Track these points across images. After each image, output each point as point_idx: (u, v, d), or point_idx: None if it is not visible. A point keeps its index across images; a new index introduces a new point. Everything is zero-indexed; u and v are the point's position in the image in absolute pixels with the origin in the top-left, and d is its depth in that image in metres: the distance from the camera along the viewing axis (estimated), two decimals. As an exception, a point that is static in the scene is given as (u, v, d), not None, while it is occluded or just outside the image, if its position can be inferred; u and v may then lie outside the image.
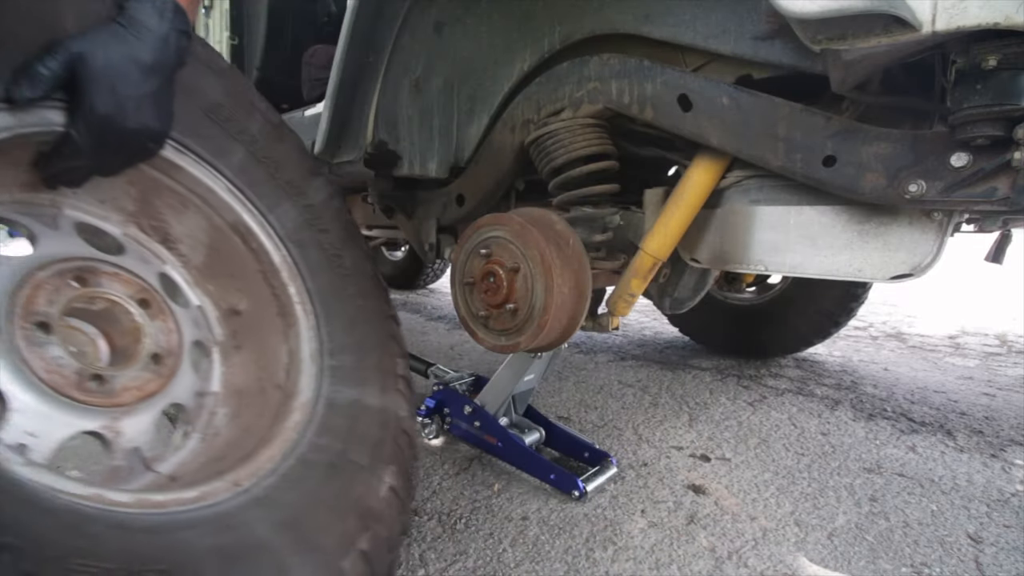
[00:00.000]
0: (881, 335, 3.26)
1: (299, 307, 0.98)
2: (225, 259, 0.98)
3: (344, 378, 0.96)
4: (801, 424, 1.88)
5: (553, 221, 1.20)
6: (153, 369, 0.85)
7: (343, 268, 1.07)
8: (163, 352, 0.87)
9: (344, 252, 1.09)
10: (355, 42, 1.26)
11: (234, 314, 1.00)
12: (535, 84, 1.30)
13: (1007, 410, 2.03)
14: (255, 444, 0.85)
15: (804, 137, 0.95)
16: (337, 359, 0.97)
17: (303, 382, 0.92)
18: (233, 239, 0.97)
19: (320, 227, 1.06)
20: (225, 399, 0.94)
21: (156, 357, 0.85)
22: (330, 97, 1.30)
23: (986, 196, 0.80)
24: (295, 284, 0.99)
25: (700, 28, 1.05)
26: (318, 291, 1.01)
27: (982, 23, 0.64)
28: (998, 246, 1.68)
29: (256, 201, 0.97)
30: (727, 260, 1.15)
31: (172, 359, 0.88)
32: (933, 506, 1.38)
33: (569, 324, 1.18)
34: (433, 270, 4.84)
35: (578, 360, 2.67)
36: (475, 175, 1.48)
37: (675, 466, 1.58)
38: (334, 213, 1.11)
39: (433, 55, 1.36)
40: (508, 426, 1.57)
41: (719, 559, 1.17)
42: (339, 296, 1.04)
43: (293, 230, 1.01)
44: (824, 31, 0.74)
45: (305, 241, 1.03)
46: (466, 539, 1.24)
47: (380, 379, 1.01)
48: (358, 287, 1.08)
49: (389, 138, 1.36)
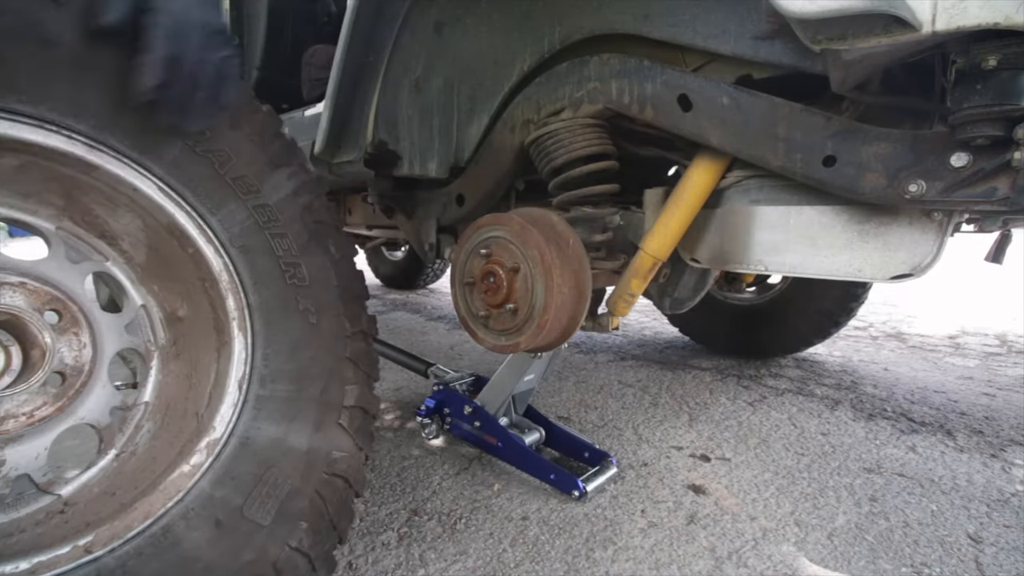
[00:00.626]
0: (881, 335, 3.26)
1: (235, 323, 0.85)
2: (165, 260, 0.88)
3: (271, 412, 0.85)
4: (801, 424, 1.88)
5: (553, 221, 1.20)
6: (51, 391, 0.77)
7: (297, 279, 0.93)
8: (68, 370, 0.78)
9: (303, 260, 0.93)
10: (355, 42, 1.26)
11: (177, 319, 0.92)
12: (535, 84, 1.30)
13: (1007, 410, 2.03)
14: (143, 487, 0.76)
15: (804, 137, 0.95)
16: (268, 388, 0.86)
17: (221, 413, 0.82)
18: (170, 241, 0.86)
19: (275, 231, 0.91)
20: (153, 413, 0.86)
21: (61, 375, 0.77)
22: (330, 97, 1.30)
23: (986, 196, 0.80)
24: (234, 297, 0.86)
25: (700, 28, 1.05)
26: (260, 306, 0.88)
27: (982, 23, 0.64)
28: (998, 246, 1.68)
29: (193, 202, 0.83)
30: (727, 260, 1.15)
31: (81, 377, 0.80)
32: (933, 506, 1.38)
33: (569, 324, 1.18)
34: (433, 270, 4.84)
35: (578, 360, 2.67)
36: (475, 175, 1.48)
37: (675, 466, 1.58)
38: (297, 213, 0.94)
39: (433, 55, 1.36)
40: (508, 426, 1.57)
41: (719, 559, 1.17)
42: (286, 312, 0.90)
43: (238, 234, 0.87)
44: (824, 31, 0.74)
45: (252, 247, 0.88)
46: (466, 539, 1.24)
47: (317, 413, 0.89)
48: (314, 301, 0.93)
49: (389, 138, 1.36)
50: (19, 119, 0.68)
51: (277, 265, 0.90)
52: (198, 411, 0.84)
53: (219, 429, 0.81)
